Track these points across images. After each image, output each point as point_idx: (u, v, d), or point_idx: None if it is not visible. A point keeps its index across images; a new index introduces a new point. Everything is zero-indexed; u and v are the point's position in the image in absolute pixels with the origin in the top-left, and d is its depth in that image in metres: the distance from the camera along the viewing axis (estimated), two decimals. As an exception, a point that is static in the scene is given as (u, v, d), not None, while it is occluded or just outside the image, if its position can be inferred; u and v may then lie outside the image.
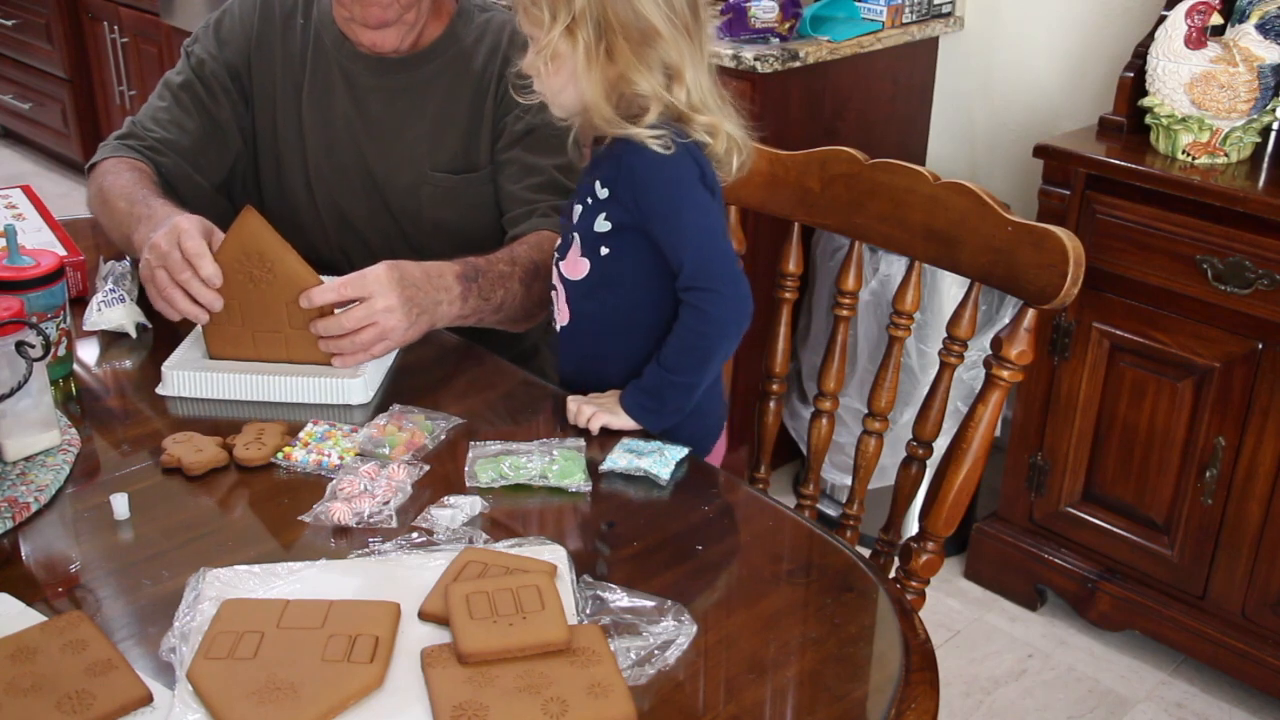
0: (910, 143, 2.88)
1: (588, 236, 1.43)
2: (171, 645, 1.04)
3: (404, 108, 1.76)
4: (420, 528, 1.22)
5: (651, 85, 1.35)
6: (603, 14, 1.32)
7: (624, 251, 1.42)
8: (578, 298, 1.47)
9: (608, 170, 1.40)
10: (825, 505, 2.68)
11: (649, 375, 1.43)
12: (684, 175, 1.38)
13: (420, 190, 1.77)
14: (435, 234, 1.79)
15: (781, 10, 2.49)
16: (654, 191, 1.37)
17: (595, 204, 1.42)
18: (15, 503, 1.23)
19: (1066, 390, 2.28)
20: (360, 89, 1.77)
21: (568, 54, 1.34)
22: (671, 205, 1.37)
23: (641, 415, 1.42)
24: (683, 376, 1.41)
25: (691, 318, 1.39)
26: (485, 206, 1.79)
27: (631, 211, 1.39)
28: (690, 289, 1.39)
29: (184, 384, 1.47)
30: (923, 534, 1.49)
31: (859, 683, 1.06)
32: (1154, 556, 2.25)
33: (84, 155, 4.52)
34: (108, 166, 1.75)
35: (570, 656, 1.01)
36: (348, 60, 1.77)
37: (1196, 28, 2.04)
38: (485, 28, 1.78)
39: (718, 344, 1.41)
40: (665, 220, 1.38)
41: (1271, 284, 1.97)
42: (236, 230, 1.43)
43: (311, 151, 1.80)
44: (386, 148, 1.77)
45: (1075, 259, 1.34)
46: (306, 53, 1.79)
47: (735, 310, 1.40)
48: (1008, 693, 2.28)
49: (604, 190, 1.41)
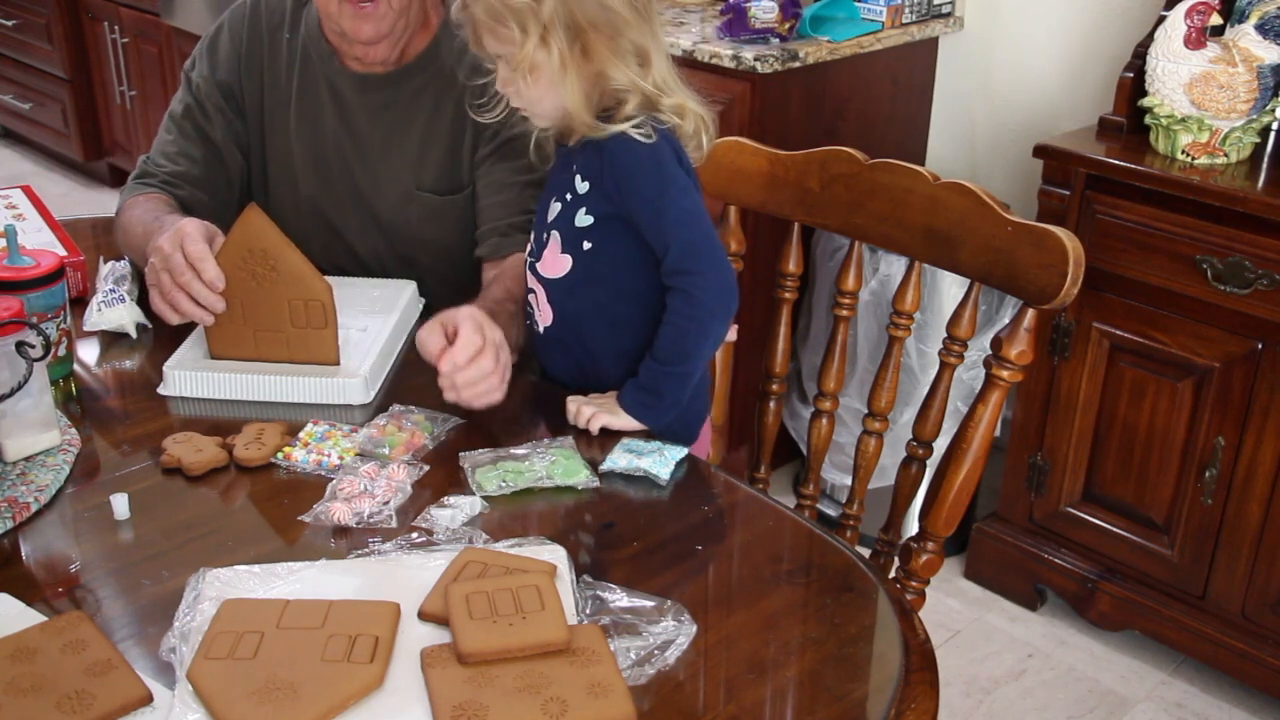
0: (910, 143, 2.88)
1: (568, 233, 1.43)
2: (171, 645, 1.04)
3: (389, 125, 1.76)
4: (420, 528, 1.22)
5: (628, 76, 1.37)
6: (570, 16, 1.33)
7: (606, 244, 1.42)
8: (560, 296, 1.47)
9: (588, 163, 1.41)
10: (825, 505, 2.68)
11: (645, 372, 1.43)
12: (664, 160, 1.39)
13: (408, 208, 1.77)
14: (424, 250, 1.79)
15: (781, 10, 2.49)
16: (637, 178, 1.38)
17: (575, 199, 1.42)
18: (15, 503, 1.23)
19: (1066, 390, 2.28)
20: (347, 106, 1.77)
21: (544, 63, 1.35)
22: (655, 190, 1.38)
23: (641, 413, 1.42)
24: (677, 366, 1.42)
25: (680, 302, 1.40)
26: (466, 229, 1.78)
27: (615, 201, 1.40)
28: (676, 273, 1.39)
29: (184, 384, 1.47)
30: (923, 534, 1.49)
31: (859, 683, 1.06)
32: (1154, 556, 2.25)
33: (84, 155, 4.52)
34: (126, 204, 1.77)
35: (570, 656, 1.01)
36: (334, 76, 1.76)
37: (1196, 28, 2.04)
38: (466, 42, 1.76)
39: (708, 327, 1.42)
40: (649, 205, 1.38)
41: (1271, 284, 1.97)
42: (240, 228, 1.43)
43: (300, 166, 1.80)
44: (374, 165, 1.77)
45: (1075, 259, 1.35)
46: (294, 68, 1.78)
47: (721, 291, 1.41)
48: (1008, 693, 2.28)
49: (584, 184, 1.41)
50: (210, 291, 1.44)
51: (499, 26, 1.35)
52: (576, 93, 1.36)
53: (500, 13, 1.34)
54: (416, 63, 1.74)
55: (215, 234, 1.50)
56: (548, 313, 1.49)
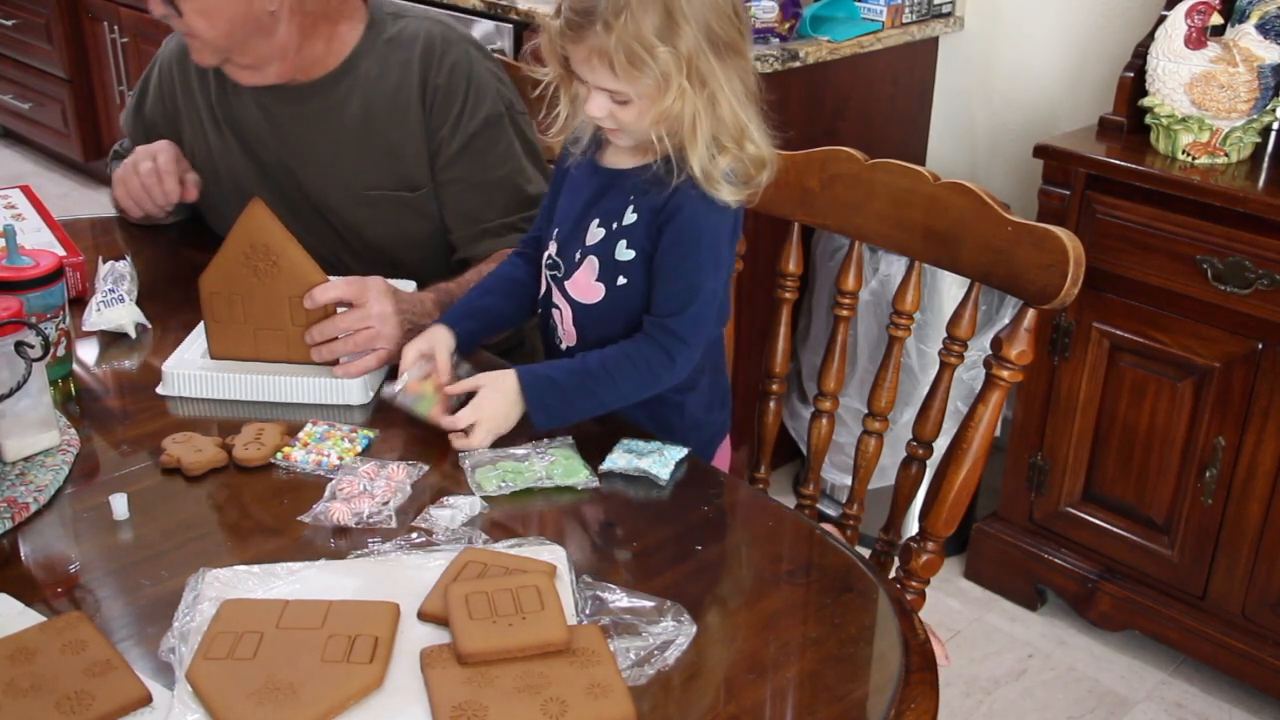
0: (910, 143, 2.88)
1: (607, 263, 1.41)
2: (171, 645, 1.04)
3: (323, 131, 1.76)
4: (420, 528, 1.22)
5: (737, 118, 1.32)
6: (704, 61, 1.28)
7: (641, 282, 1.40)
8: (589, 322, 1.45)
9: (648, 196, 1.37)
10: (825, 505, 2.68)
11: (565, 375, 1.38)
12: (722, 235, 1.37)
13: (358, 210, 1.78)
14: (380, 250, 1.80)
15: (781, 10, 2.49)
16: (688, 233, 1.35)
17: (620, 229, 1.39)
18: (14, 503, 1.23)
19: (1066, 390, 2.28)
20: (277, 118, 1.77)
21: (676, 114, 1.29)
22: (697, 258, 1.36)
23: (540, 410, 1.36)
24: (607, 395, 1.38)
25: (656, 355, 1.37)
26: (428, 222, 1.78)
27: (654, 239, 1.37)
28: (669, 333, 1.37)
29: (184, 384, 1.47)
30: (923, 534, 1.49)
31: (859, 683, 1.06)
32: (1154, 556, 2.25)
33: (84, 155, 4.51)
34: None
35: (570, 657, 1.01)
36: (259, 93, 1.77)
37: (1196, 28, 2.04)
38: (396, 40, 1.74)
39: (656, 387, 1.40)
40: (683, 263, 1.36)
41: (1271, 284, 1.97)
42: (243, 222, 1.43)
43: (246, 179, 1.81)
44: (318, 172, 1.77)
45: (1075, 259, 1.34)
46: (225, 88, 1.80)
47: (684, 371, 1.40)
48: (1008, 693, 2.28)
49: (634, 215, 1.38)
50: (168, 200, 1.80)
51: (632, 69, 1.26)
52: (706, 142, 1.31)
53: (641, 58, 1.25)
54: (341, 69, 1.74)
55: (186, 166, 1.83)
56: (571, 334, 1.47)
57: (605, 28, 1.24)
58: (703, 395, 1.52)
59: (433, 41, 1.73)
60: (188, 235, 1.90)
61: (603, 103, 1.31)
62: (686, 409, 1.51)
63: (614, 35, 1.24)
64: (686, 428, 1.51)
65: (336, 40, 1.73)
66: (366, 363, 1.46)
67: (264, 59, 1.68)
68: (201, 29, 1.62)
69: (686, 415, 1.51)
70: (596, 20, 1.25)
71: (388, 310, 1.47)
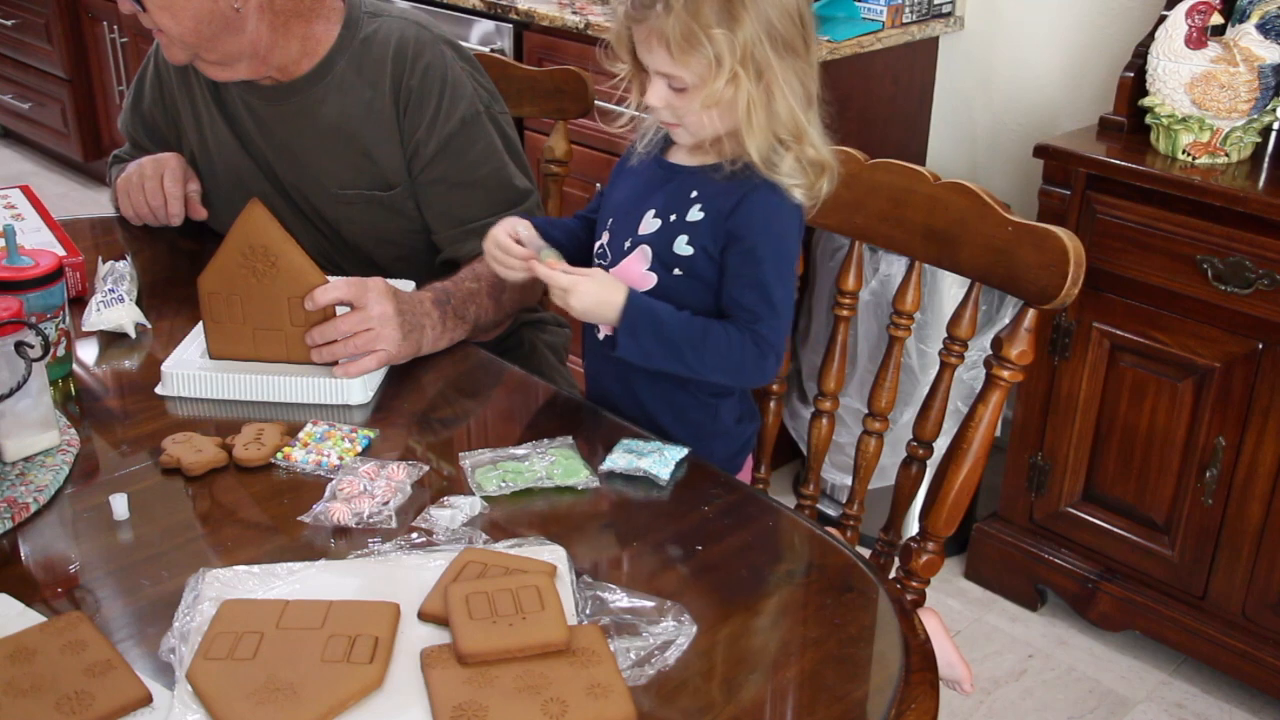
0: (910, 143, 2.88)
1: (663, 255, 1.41)
2: (171, 646, 1.04)
3: (301, 131, 1.76)
4: (420, 528, 1.22)
5: (796, 119, 1.33)
6: (763, 51, 1.28)
7: (695, 277, 1.40)
8: None
9: (716, 196, 1.37)
10: (825, 505, 2.68)
11: (669, 317, 1.37)
12: (791, 230, 1.38)
13: (336, 209, 1.78)
14: (356, 248, 1.81)
15: (781, 10, 2.49)
16: (759, 235, 1.36)
17: (681, 223, 1.39)
18: (14, 503, 1.23)
19: (1066, 390, 2.28)
20: (260, 117, 1.78)
21: (729, 101, 1.30)
22: (773, 258, 1.36)
23: (627, 331, 1.36)
24: (692, 358, 1.37)
25: (751, 350, 1.38)
26: (404, 220, 1.78)
27: (719, 241, 1.37)
28: (763, 338, 1.37)
29: (183, 384, 1.47)
30: (923, 534, 1.48)
31: (859, 683, 1.06)
32: (1154, 556, 2.25)
33: (84, 155, 4.52)
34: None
35: (570, 657, 1.01)
36: (243, 90, 1.77)
37: (1197, 28, 2.04)
38: (372, 39, 1.74)
39: (735, 380, 1.41)
40: (758, 264, 1.36)
41: (1271, 284, 1.97)
42: (241, 223, 1.43)
43: (244, 172, 1.81)
44: (299, 169, 1.78)
45: (1075, 259, 1.34)
46: (213, 87, 1.80)
47: (771, 376, 1.41)
48: (1008, 693, 2.28)
49: (700, 214, 1.38)
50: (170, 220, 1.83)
51: (687, 50, 1.28)
52: (764, 133, 1.32)
53: (696, 38, 1.27)
54: (318, 68, 1.73)
55: (191, 177, 1.85)
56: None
57: (666, 8, 1.28)
58: (735, 405, 1.53)
59: (406, 43, 1.72)
60: (188, 235, 1.90)
61: (661, 90, 1.33)
62: (720, 415, 1.51)
63: (673, 16, 1.27)
64: (717, 433, 1.51)
65: (312, 40, 1.73)
66: (366, 363, 1.46)
67: (233, 55, 1.68)
68: (167, 24, 1.63)
69: (719, 421, 1.51)
70: (659, 1, 1.28)
71: (388, 312, 1.47)
